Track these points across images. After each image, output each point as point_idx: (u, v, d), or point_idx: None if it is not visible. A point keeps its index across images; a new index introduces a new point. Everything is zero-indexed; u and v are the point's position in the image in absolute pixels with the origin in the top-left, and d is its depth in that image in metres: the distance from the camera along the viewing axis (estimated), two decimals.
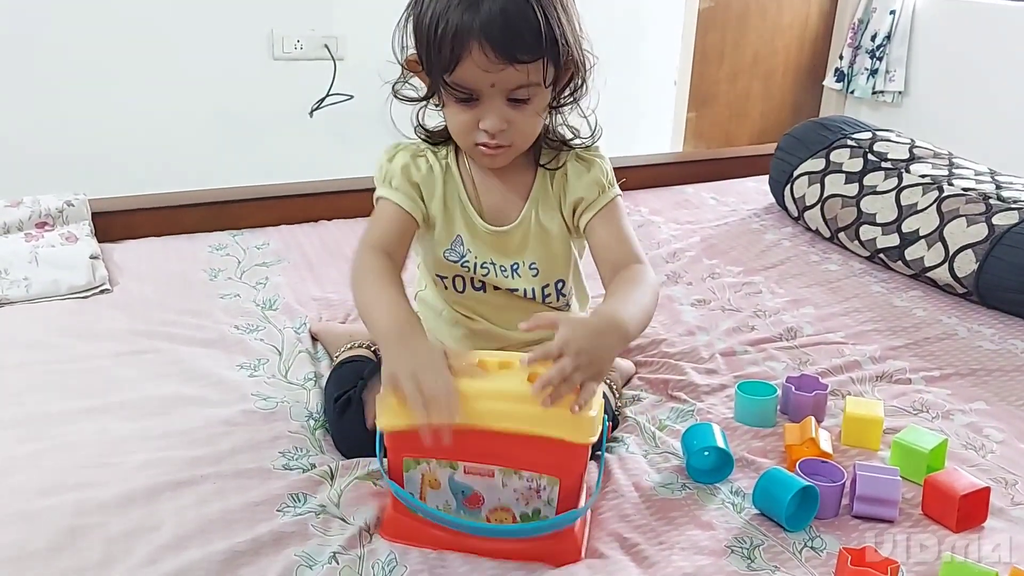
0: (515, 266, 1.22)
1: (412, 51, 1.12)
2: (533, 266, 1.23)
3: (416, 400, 0.91)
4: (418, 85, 1.17)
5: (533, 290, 1.24)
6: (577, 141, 1.22)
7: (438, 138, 1.22)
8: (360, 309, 1.09)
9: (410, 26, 1.10)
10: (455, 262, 1.21)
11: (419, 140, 1.23)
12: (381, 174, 1.21)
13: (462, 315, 1.26)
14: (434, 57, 1.06)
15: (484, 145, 1.12)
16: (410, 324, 1.01)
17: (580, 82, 1.15)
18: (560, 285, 1.26)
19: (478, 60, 1.03)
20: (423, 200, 1.20)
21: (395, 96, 1.17)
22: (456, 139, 1.16)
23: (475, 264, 1.21)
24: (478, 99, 1.08)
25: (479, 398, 0.96)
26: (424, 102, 1.17)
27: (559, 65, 1.08)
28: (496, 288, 1.24)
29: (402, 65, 1.15)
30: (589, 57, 1.13)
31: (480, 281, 1.24)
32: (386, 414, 0.97)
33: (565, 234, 1.23)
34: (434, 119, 1.22)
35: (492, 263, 1.21)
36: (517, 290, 1.23)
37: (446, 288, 1.26)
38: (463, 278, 1.24)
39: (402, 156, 1.20)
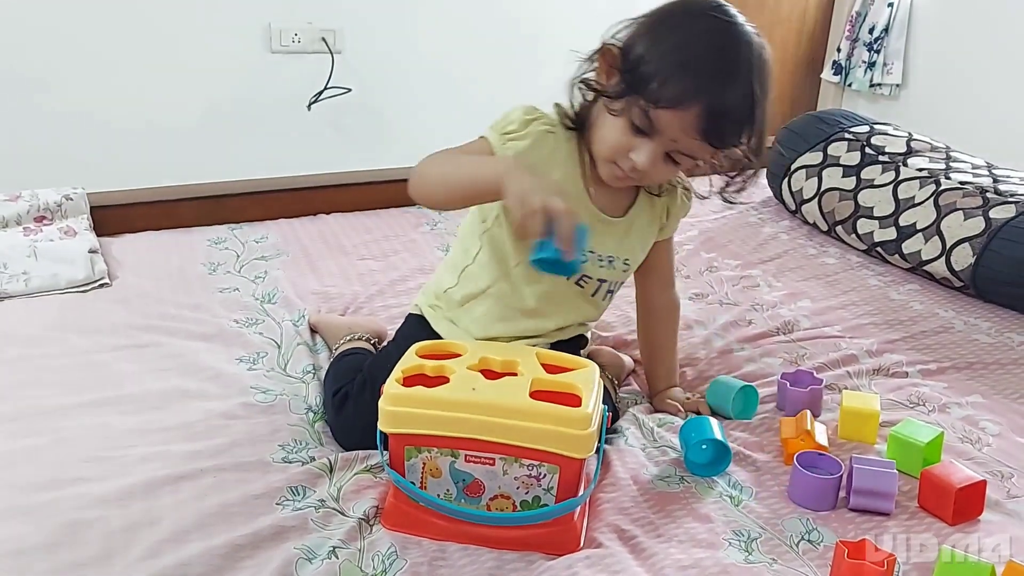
0: (611, 259, 1.24)
1: (612, 42, 1.12)
2: (627, 262, 1.27)
3: (549, 208, 0.95)
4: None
5: (610, 285, 1.27)
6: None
7: (573, 124, 1.20)
8: (450, 177, 1.10)
9: (648, 38, 1.09)
10: None
11: (555, 116, 1.21)
12: (504, 126, 1.17)
13: (511, 294, 1.23)
14: (652, 86, 1.06)
15: (620, 169, 1.14)
16: (525, 164, 1.04)
17: (747, 175, 1.20)
18: (618, 286, 1.31)
19: (686, 121, 1.07)
20: None
21: (580, 81, 1.17)
22: (599, 148, 1.16)
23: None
24: (648, 135, 1.10)
25: (480, 411, 0.97)
26: (605, 97, 1.13)
27: (730, 158, 1.15)
28: (581, 281, 1.24)
29: (600, 49, 1.14)
30: (763, 157, 1.17)
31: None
32: (387, 419, 0.99)
33: (651, 243, 1.30)
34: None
35: (592, 251, 1.22)
36: (607, 281, 1.26)
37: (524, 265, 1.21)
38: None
39: (537, 129, 1.17)
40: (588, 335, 1.38)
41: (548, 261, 0.98)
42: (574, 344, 1.31)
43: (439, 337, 1.24)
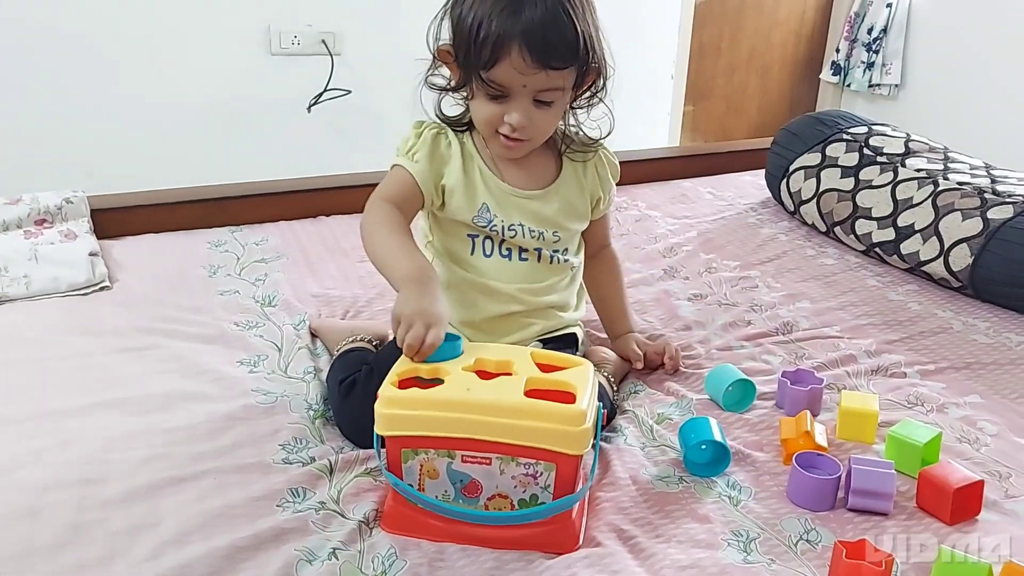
0: (539, 232, 1.32)
1: (444, 42, 1.22)
2: (556, 233, 1.34)
3: (408, 340, 1.01)
4: (445, 74, 1.28)
5: (549, 250, 1.34)
6: (583, 135, 1.37)
7: (458, 125, 1.31)
8: (376, 254, 1.18)
9: (447, 22, 1.20)
10: (483, 226, 1.30)
11: (439, 122, 1.32)
12: (406, 147, 1.29)
13: (476, 278, 1.32)
14: (473, 55, 1.15)
15: (506, 136, 1.23)
16: (429, 274, 1.11)
17: (600, 87, 1.28)
18: (566, 251, 1.38)
19: (515, 63, 1.14)
20: (441, 175, 1.29)
21: (427, 85, 1.28)
22: (480, 128, 1.27)
23: (503, 227, 1.30)
24: (507, 96, 1.19)
25: (476, 411, 0.98)
26: (451, 92, 1.26)
27: (585, 72, 1.21)
28: (523, 251, 1.33)
29: (433, 55, 1.24)
30: (609, 65, 1.25)
31: (508, 247, 1.32)
32: (384, 422, 1.00)
33: (587, 214, 1.39)
34: (448, 105, 1.32)
35: (520, 224, 1.30)
36: (542, 249, 1.33)
37: (472, 252, 1.32)
38: (492, 240, 1.32)
39: (429, 132, 1.29)
40: (580, 334, 1.40)
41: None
42: (568, 345, 1.33)
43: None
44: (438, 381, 1.03)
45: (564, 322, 1.38)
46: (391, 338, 1.40)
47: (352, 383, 1.25)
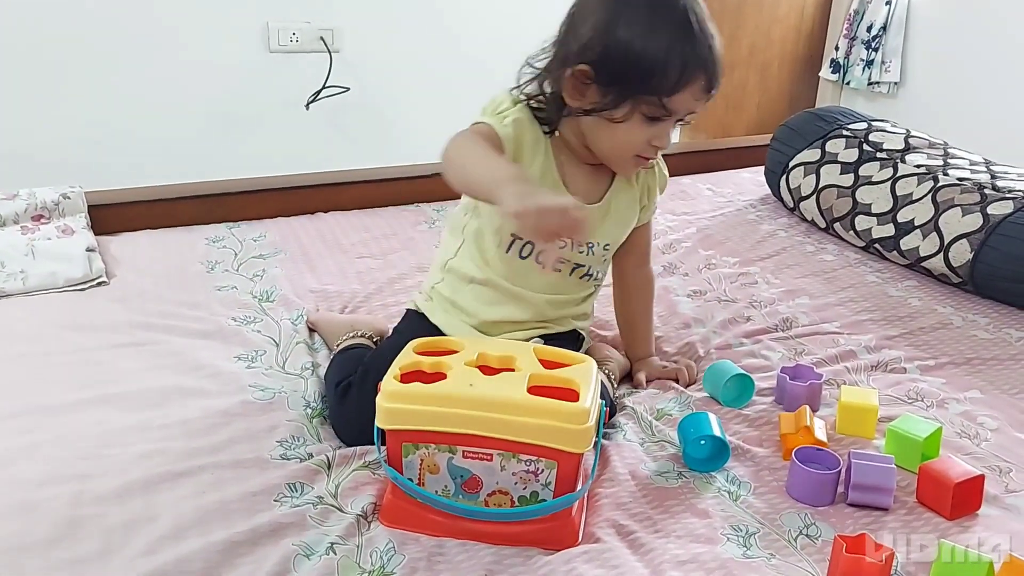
0: (591, 245, 1.30)
1: (581, 65, 1.14)
2: (607, 247, 1.33)
3: (545, 223, 0.97)
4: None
5: (588, 269, 1.33)
6: None
7: (545, 125, 1.25)
8: (469, 162, 1.11)
9: (598, 46, 1.13)
10: None
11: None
12: (496, 107, 1.24)
13: (502, 280, 1.28)
14: (656, 82, 1.12)
15: (644, 159, 1.21)
16: (528, 176, 1.08)
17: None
18: (601, 273, 1.37)
19: (695, 92, 1.15)
20: (521, 159, 1.23)
21: (565, 103, 1.19)
22: (617, 151, 1.22)
23: None
24: (663, 120, 1.16)
25: (478, 407, 0.97)
26: (585, 113, 1.18)
27: None
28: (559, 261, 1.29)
29: (561, 75, 1.17)
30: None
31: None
32: (385, 415, 0.99)
33: (633, 223, 1.36)
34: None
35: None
36: (584, 266, 1.31)
37: (508, 251, 1.27)
38: (533, 245, 1.27)
39: (525, 112, 1.23)
40: (585, 334, 1.39)
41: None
42: (570, 342, 1.32)
43: (438, 330, 1.26)
44: (440, 376, 1.02)
45: (572, 325, 1.37)
46: (389, 335, 1.40)
47: (348, 386, 1.24)
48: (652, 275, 1.48)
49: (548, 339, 1.31)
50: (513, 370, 1.03)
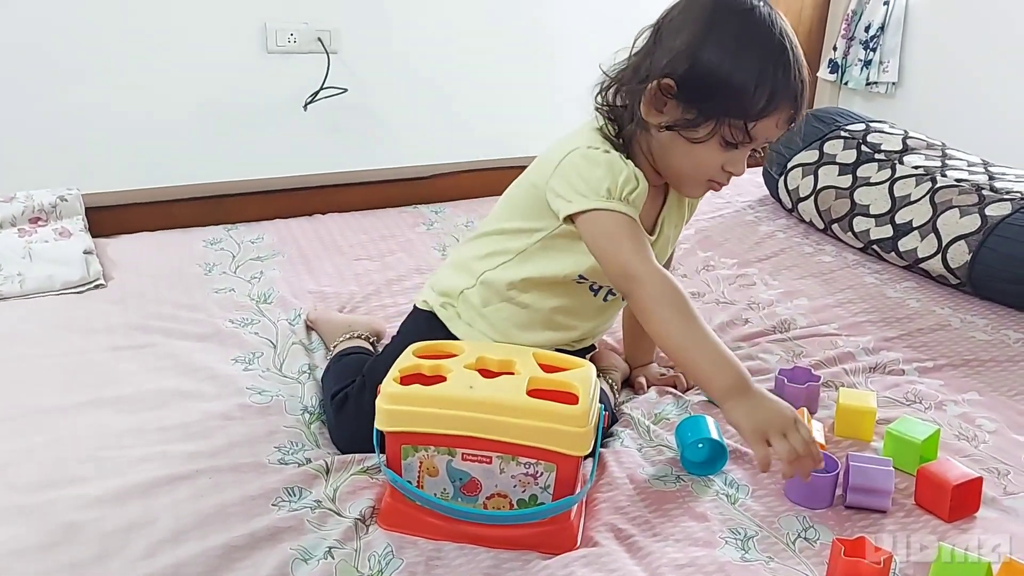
0: None
1: (666, 79, 1.09)
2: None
3: (791, 454, 1.00)
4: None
5: None
6: None
7: (621, 149, 1.16)
8: (692, 343, 1.06)
9: (708, 57, 1.07)
10: None
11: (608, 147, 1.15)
12: (611, 184, 1.09)
13: (534, 304, 1.22)
14: (743, 104, 1.07)
15: (717, 184, 1.17)
16: (748, 377, 1.06)
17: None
18: None
19: (779, 121, 1.11)
20: None
21: (641, 122, 1.13)
22: (690, 172, 1.16)
23: None
24: (741, 147, 1.12)
25: (478, 409, 0.97)
26: (672, 129, 1.12)
27: None
28: (611, 293, 1.25)
29: (642, 88, 1.11)
30: None
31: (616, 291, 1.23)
32: (385, 417, 0.99)
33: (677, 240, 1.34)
34: None
35: None
36: None
37: (579, 278, 1.20)
38: (605, 286, 1.23)
39: (628, 168, 1.11)
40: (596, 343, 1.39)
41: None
42: (582, 351, 1.31)
43: (454, 337, 1.22)
44: (440, 378, 1.02)
45: (592, 341, 1.34)
46: (389, 336, 1.39)
47: (345, 397, 1.23)
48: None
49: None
50: (512, 374, 1.03)
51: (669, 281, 1.08)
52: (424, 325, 1.28)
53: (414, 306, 1.34)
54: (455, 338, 1.22)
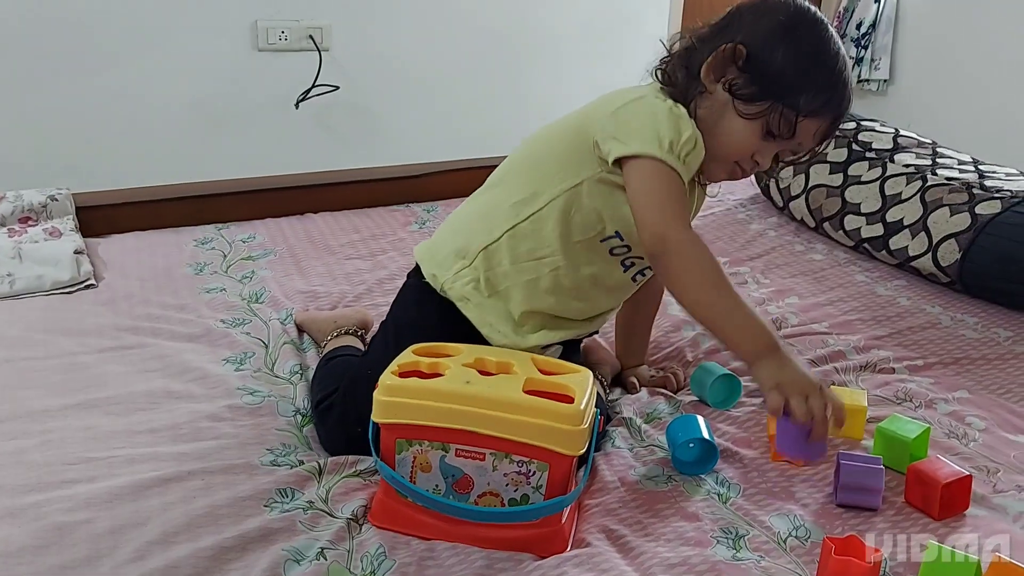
0: None
1: (740, 45, 1.10)
2: None
3: (806, 416, 1.01)
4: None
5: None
6: None
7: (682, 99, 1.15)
8: (721, 309, 1.06)
9: (784, 46, 1.10)
10: None
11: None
12: (674, 138, 1.08)
13: (566, 267, 1.18)
14: (801, 98, 1.09)
15: (741, 170, 1.17)
16: (780, 342, 1.06)
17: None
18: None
19: (819, 127, 1.13)
20: None
21: (700, 81, 1.12)
22: (725, 149, 1.14)
23: None
24: (777, 140, 1.12)
25: (473, 403, 0.97)
26: (739, 97, 1.11)
27: None
28: (644, 272, 1.25)
29: (714, 48, 1.11)
30: None
31: (646, 270, 1.25)
32: (381, 409, 0.99)
33: None
34: None
35: None
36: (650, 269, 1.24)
37: (612, 250, 1.19)
38: (637, 263, 1.23)
39: (692, 129, 1.11)
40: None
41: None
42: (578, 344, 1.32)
43: (450, 314, 1.19)
44: (437, 375, 1.02)
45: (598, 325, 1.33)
46: (370, 340, 1.37)
47: (329, 407, 1.22)
48: (663, 287, 1.38)
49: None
50: (510, 373, 1.04)
51: (704, 248, 1.08)
52: (427, 302, 1.21)
53: (404, 285, 1.29)
54: (451, 316, 1.18)
